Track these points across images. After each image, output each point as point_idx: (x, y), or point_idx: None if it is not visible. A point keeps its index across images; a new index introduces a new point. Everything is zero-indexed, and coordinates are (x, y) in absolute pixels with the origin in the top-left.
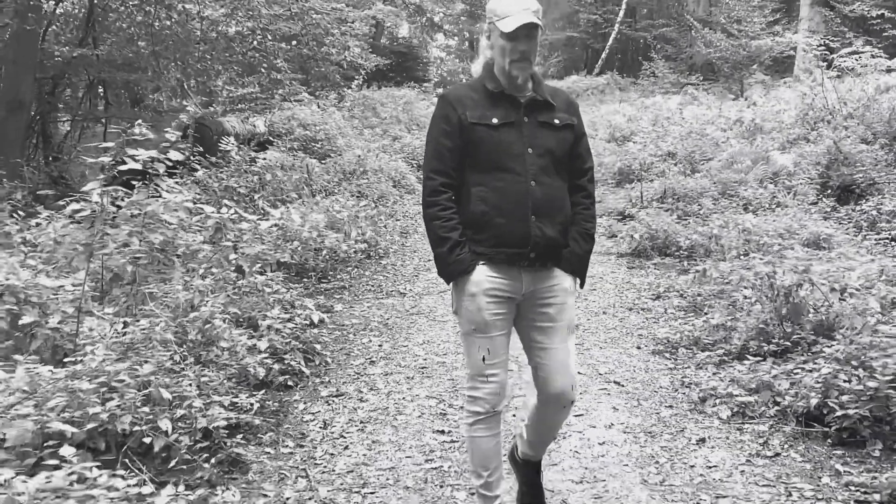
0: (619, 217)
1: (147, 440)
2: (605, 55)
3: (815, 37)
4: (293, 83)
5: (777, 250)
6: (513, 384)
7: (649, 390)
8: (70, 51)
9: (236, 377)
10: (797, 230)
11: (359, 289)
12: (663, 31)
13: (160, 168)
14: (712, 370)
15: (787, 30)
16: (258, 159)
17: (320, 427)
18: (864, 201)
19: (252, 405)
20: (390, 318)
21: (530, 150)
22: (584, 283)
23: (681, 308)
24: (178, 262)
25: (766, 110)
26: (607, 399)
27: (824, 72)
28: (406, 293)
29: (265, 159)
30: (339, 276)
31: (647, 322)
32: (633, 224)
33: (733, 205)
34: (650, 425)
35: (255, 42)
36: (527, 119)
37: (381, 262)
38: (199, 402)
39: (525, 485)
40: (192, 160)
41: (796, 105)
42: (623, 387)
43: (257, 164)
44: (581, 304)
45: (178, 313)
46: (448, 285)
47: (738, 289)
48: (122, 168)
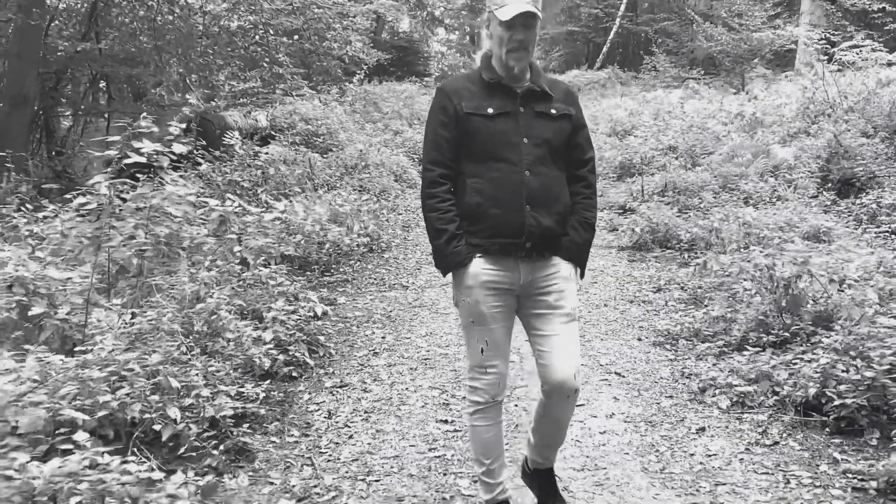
0: (620, 211)
1: (157, 427)
2: (606, 49)
3: (817, 30)
4: (295, 77)
5: (777, 243)
6: (514, 375)
7: (650, 381)
8: (73, 45)
9: (242, 368)
10: (797, 223)
11: (361, 282)
12: (664, 24)
13: (164, 161)
14: (712, 361)
15: (789, 23)
16: (261, 154)
17: (325, 417)
18: (864, 195)
19: (258, 395)
20: (393, 311)
21: (526, 140)
22: (584, 273)
23: (681, 300)
24: (184, 254)
25: (766, 104)
26: (608, 389)
27: (825, 65)
28: (408, 286)
29: (267, 153)
30: (341, 269)
31: (648, 314)
32: (634, 217)
33: (734, 198)
34: (650, 415)
35: (257, 37)
36: (523, 109)
37: (384, 256)
38: (206, 392)
39: (541, 495)
40: (196, 154)
41: (797, 99)
42: (624, 377)
43: (260, 159)
44: (582, 296)
45: (184, 305)
46: (445, 277)
47: (737, 281)
48: (127, 161)
